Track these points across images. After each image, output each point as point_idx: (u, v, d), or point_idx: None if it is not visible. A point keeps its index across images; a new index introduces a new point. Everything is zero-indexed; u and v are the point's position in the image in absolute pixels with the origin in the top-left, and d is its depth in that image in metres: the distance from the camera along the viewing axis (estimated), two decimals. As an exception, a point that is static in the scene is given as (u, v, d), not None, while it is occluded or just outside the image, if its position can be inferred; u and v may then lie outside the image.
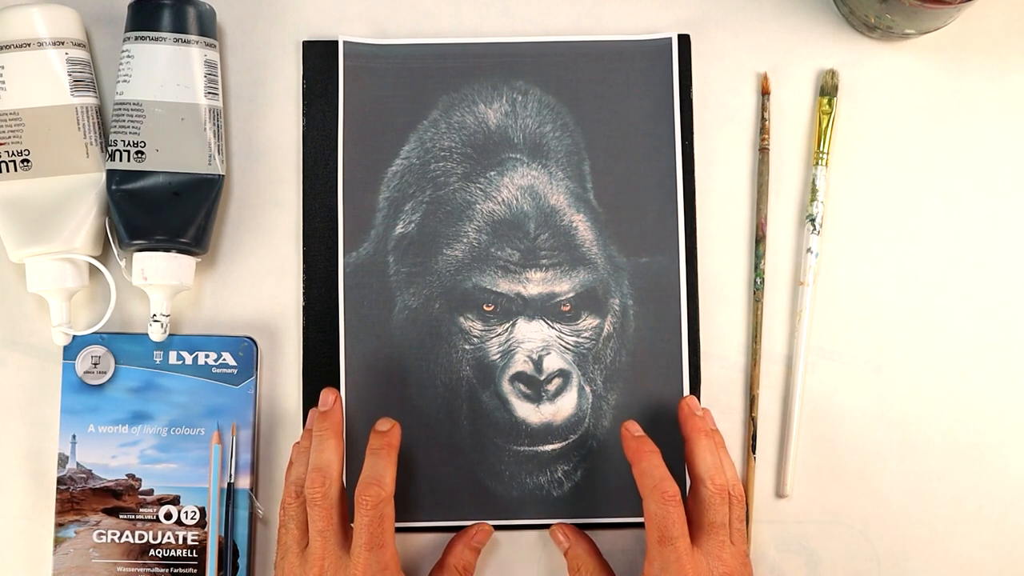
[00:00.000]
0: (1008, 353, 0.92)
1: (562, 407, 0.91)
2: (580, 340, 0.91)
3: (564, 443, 0.90)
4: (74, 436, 0.90)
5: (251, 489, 0.90)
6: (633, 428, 0.87)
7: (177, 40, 0.88)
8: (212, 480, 0.90)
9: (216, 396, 0.90)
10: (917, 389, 0.92)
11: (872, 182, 0.94)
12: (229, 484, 0.90)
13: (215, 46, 0.90)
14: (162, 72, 0.88)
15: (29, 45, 0.88)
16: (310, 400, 0.90)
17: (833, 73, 0.93)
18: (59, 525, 0.89)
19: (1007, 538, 0.91)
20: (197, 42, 0.89)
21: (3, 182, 0.88)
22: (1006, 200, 0.93)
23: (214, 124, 0.89)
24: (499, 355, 0.91)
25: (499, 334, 0.91)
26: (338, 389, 0.90)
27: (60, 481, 0.89)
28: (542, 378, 0.90)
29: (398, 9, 0.94)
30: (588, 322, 0.91)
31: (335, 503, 0.83)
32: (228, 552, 0.89)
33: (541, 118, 0.92)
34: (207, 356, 0.91)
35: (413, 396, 0.91)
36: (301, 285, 0.92)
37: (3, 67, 0.88)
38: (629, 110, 0.93)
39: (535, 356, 0.91)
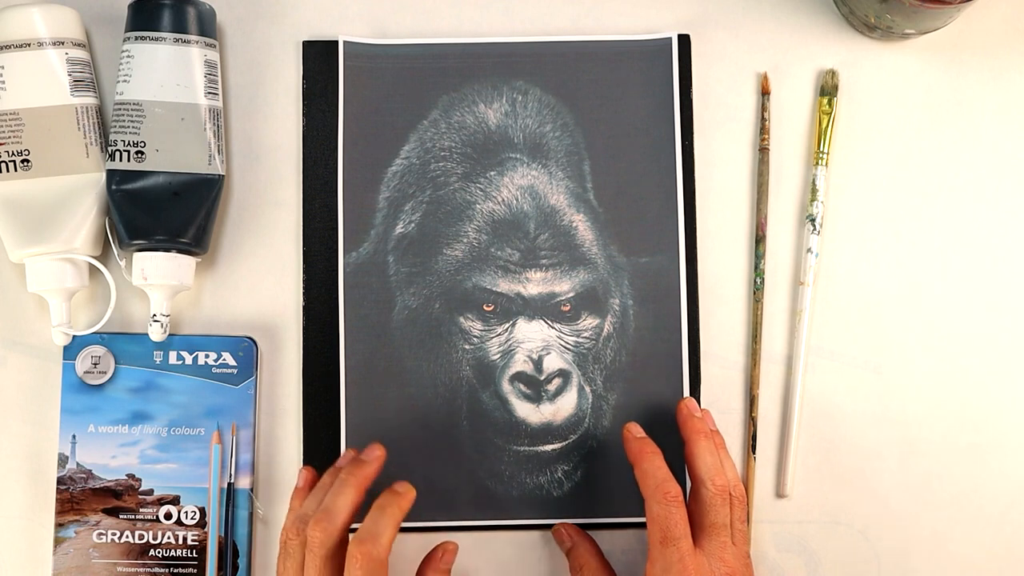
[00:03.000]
0: (1008, 353, 0.92)
1: (562, 407, 0.91)
2: (580, 340, 0.91)
3: (564, 443, 0.90)
4: (74, 436, 0.90)
5: (251, 489, 0.90)
6: (635, 430, 0.87)
7: (177, 40, 0.88)
8: (212, 480, 0.90)
9: (216, 396, 0.90)
10: (917, 389, 0.92)
11: (872, 182, 0.94)
12: (229, 484, 0.90)
13: (215, 46, 0.90)
14: (162, 72, 0.88)
15: (29, 45, 0.88)
16: (310, 400, 0.91)
17: (833, 73, 0.93)
18: (59, 525, 0.89)
19: (1007, 538, 0.91)
20: (197, 42, 0.89)
21: (3, 182, 0.88)
22: (1006, 200, 0.93)
23: (214, 124, 0.89)
24: (499, 355, 0.91)
25: (499, 334, 0.91)
26: (336, 392, 0.90)
27: (60, 481, 0.89)
28: (542, 378, 0.90)
29: (398, 9, 0.94)
30: (588, 322, 0.91)
31: (332, 554, 0.79)
32: (228, 552, 0.89)
33: (541, 118, 0.92)
34: (207, 356, 0.91)
35: (413, 396, 0.91)
36: (301, 285, 0.92)
37: (3, 67, 0.88)
38: (629, 110, 0.93)
39: (535, 356, 0.91)
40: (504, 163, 0.92)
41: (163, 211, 0.88)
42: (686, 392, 0.90)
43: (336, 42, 0.93)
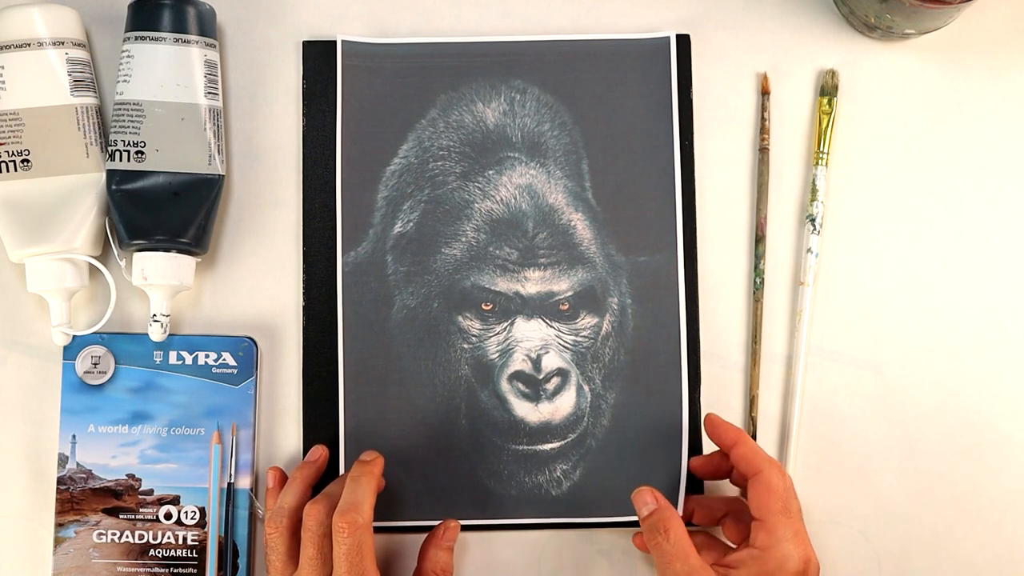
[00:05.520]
0: (1008, 353, 0.92)
1: (561, 406, 0.91)
2: (579, 339, 0.91)
3: (563, 442, 0.90)
4: (74, 436, 0.90)
5: (251, 489, 0.90)
6: (718, 417, 0.87)
7: (177, 40, 0.89)
8: (212, 480, 0.90)
9: (216, 396, 0.90)
10: (917, 389, 0.92)
11: (872, 182, 0.93)
12: (229, 484, 0.90)
13: (215, 46, 0.90)
14: (162, 72, 0.88)
15: (29, 45, 0.88)
16: (310, 400, 0.91)
17: (833, 73, 0.93)
18: (59, 525, 0.89)
19: (1007, 538, 0.91)
20: (197, 42, 0.89)
21: (3, 182, 0.88)
22: (1006, 200, 0.93)
23: (214, 124, 0.89)
24: (498, 354, 0.91)
25: (497, 333, 0.91)
26: (336, 392, 0.90)
27: (60, 481, 0.89)
28: (540, 377, 0.90)
29: (398, 9, 0.94)
30: (587, 321, 0.91)
31: (327, 532, 0.82)
32: (228, 552, 0.89)
33: (539, 117, 0.92)
34: (207, 356, 0.91)
35: (412, 395, 0.91)
36: (301, 285, 0.92)
37: (3, 67, 0.88)
38: (628, 109, 0.93)
39: (534, 355, 0.91)
40: (502, 162, 0.92)
41: (163, 211, 0.88)
42: (685, 391, 0.90)
43: (335, 42, 0.93)
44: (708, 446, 0.89)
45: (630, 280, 0.91)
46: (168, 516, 0.89)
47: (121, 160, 0.88)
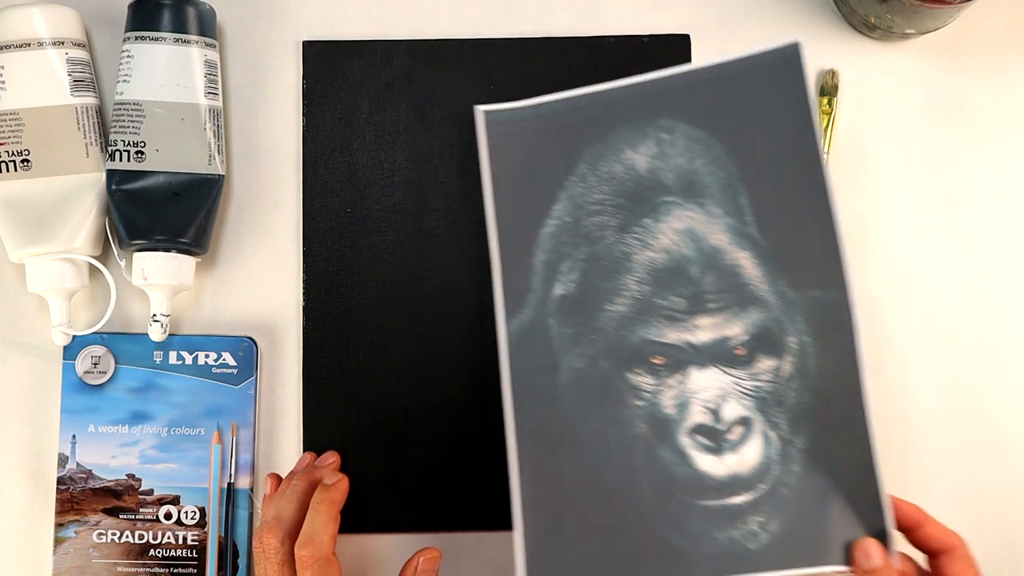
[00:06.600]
0: (1009, 353, 0.92)
1: (746, 456, 0.83)
2: (759, 383, 0.84)
3: (753, 493, 0.83)
4: (74, 436, 0.90)
5: (251, 489, 0.90)
6: (895, 498, 0.82)
7: (177, 40, 0.88)
8: (212, 480, 0.90)
9: (216, 396, 0.90)
10: (917, 389, 0.92)
11: (872, 182, 0.94)
12: (229, 484, 0.90)
13: (215, 46, 0.90)
14: (162, 72, 0.88)
15: (29, 45, 0.88)
16: (310, 400, 0.90)
17: (833, 73, 0.93)
18: (59, 525, 0.89)
19: (1007, 538, 0.91)
20: (197, 42, 0.89)
21: (3, 182, 0.88)
22: (1006, 200, 0.94)
23: (214, 124, 0.89)
24: (674, 408, 0.84)
25: (671, 386, 0.84)
26: (339, 390, 0.90)
27: (60, 481, 0.89)
28: (723, 428, 0.83)
29: (398, 8, 0.94)
30: (766, 364, 0.84)
31: (287, 560, 0.81)
32: (228, 552, 0.89)
33: (691, 154, 0.87)
34: (207, 356, 0.91)
35: (588, 458, 0.84)
36: (301, 285, 0.92)
37: (3, 67, 0.88)
38: (771, 130, 0.86)
39: (712, 405, 0.83)
40: (658, 208, 0.86)
41: (163, 211, 0.88)
42: (872, 430, 0.82)
43: (335, 42, 0.92)
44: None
45: (806, 318, 0.84)
46: (168, 516, 0.89)
47: (121, 160, 0.88)
